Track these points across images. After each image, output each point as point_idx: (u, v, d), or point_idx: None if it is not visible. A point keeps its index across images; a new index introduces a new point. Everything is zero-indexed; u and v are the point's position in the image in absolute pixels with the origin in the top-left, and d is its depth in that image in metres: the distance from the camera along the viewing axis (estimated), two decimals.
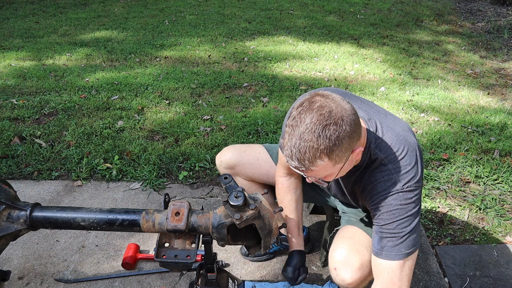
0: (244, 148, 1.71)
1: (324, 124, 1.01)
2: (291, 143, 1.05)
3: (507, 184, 2.49)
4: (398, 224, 1.19)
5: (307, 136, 1.02)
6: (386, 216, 1.21)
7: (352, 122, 1.05)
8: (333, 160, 1.05)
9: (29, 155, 2.68)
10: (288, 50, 4.77)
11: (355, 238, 1.38)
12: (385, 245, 1.22)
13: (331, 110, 1.03)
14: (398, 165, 1.20)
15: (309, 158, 1.03)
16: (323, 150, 1.02)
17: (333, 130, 1.01)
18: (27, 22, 5.79)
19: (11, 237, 1.33)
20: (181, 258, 1.28)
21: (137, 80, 3.84)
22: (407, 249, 1.20)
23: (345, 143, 1.04)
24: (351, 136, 1.05)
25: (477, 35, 5.76)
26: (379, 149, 1.21)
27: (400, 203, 1.19)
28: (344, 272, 1.30)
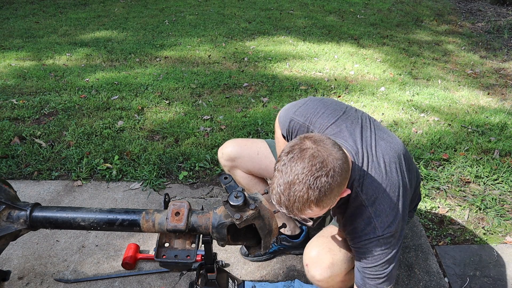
0: (245, 142, 1.73)
1: (316, 176, 1.01)
2: (279, 189, 1.04)
3: (507, 184, 2.49)
4: (380, 267, 1.23)
5: (297, 186, 1.01)
6: (368, 260, 1.23)
7: (343, 171, 1.06)
8: (321, 207, 1.06)
9: (29, 155, 2.68)
10: (288, 50, 4.77)
11: (329, 237, 1.41)
12: (367, 283, 1.26)
13: (323, 160, 1.02)
14: (380, 209, 1.21)
15: (298, 207, 1.04)
16: (312, 200, 1.02)
17: (324, 182, 1.01)
18: (27, 22, 5.79)
19: (11, 237, 1.33)
20: (181, 258, 1.28)
21: (137, 80, 3.84)
22: (387, 285, 1.26)
23: (335, 192, 1.05)
24: (341, 184, 1.06)
25: (477, 35, 5.76)
26: (361, 188, 1.22)
27: (381, 249, 1.21)
28: (314, 269, 1.34)
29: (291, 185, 1.02)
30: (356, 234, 1.24)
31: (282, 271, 1.88)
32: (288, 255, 1.96)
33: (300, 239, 1.92)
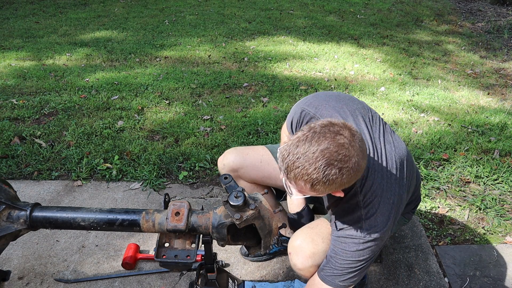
0: (247, 151, 1.69)
1: (330, 164, 1.00)
2: (293, 148, 1.03)
3: (507, 184, 2.49)
4: (347, 263, 1.25)
5: (309, 159, 1.00)
6: (340, 252, 1.25)
7: (354, 177, 1.05)
8: (312, 190, 1.06)
9: (29, 155, 2.68)
10: (288, 50, 4.77)
11: (315, 228, 1.42)
12: (326, 269, 1.29)
13: (347, 156, 1.00)
14: (371, 212, 1.22)
15: (295, 174, 1.03)
16: (312, 179, 1.02)
17: (334, 174, 1.01)
18: (27, 22, 5.79)
19: (11, 237, 1.33)
20: (181, 258, 1.28)
21: (137, 80, 3.84)
22: (342, 282, 1.28)
23: (333, 187, 1.06)
24: (342, 185, 1.06)
25: (477, 35, 5.76)
26: (361, 189, 1.23)
27: (357, 249, 1.23)
28: (296, 257, 1.37)
29: (305, 154, 1.01)
30: (340, 227, 1.26)
31: (282, 271, 1.88)
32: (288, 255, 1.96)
33: None
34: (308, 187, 1.05)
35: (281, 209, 1.73)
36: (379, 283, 1.82)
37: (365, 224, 1.22)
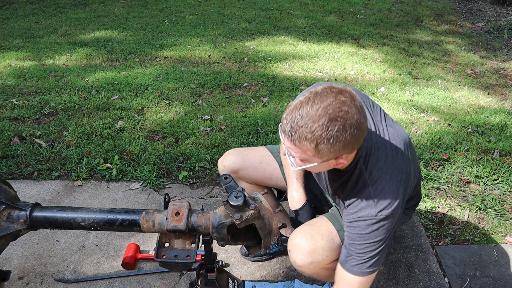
0: (246, 152, 1.69)
1: (334, 119, 1.00)
2: (296, 110, 1.04)
3: (507, 184, 2.49)
4: (366, 247, 1.23)
5: (313, 117, 1.01)
6: (356, 237, 1.24)
7: (356, 137, 1.05)
8: (316, 151, 1.05)
9: (29, 155, 2.68)
10: (288, 50, 4.77)
11: (314, 226, 1.42)
12: (350, 260, 1.27)
13: (349, 112, 1.01)
14: (380, 189, 1.21)
15: (300, 134, 1.03)
16: (315, 137, 1.02)
17: (336, 129, 1.01)
18: (27, 22, 5.79)
19: (11, 237, 1.33)
20: (181, 258, 1.29)
21: (137, 80, 3.84)
22: (369, 269, 1.26)
23: (336, 146, 1.04)
24: (346, 146, 1.05)
25: (477, 35, 5.76)
26: (366, 166, 1.22)
27: (372, 229, 1.21)
28: (295, 254, 1.37)
29: (308, 113, 1.02)
30: (352, 210, 1.25)
31: (282, 271, 1.88)
32: (288, 255, 1.96)
33: None
34: (312, 149, 1.04)
35: (281, 209, 1.73)
36: (379, 283, 1.82)
37: (375, 203, 1.20)
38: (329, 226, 1.41)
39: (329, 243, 1.37)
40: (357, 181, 1.24)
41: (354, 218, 1.23)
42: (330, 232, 1.39)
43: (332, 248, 1.38)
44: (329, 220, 1.44)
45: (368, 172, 1.22)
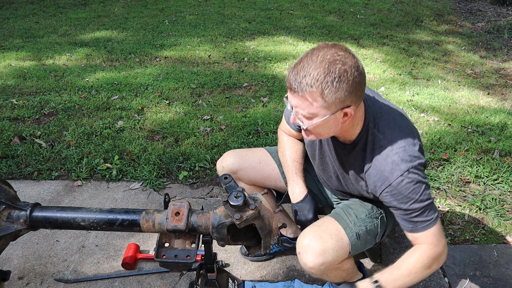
0: (245, 153, 1.70)
1: (334, 61, 1.06)
2: (297, 64, 1.10)
3: (507, 184, 2.49)
4: (419, 202, 1.23)
5: (314, 63, 1.07)
6: (405, 200, 1.23)
7: (357, 80, 1.09)
8: (322, 99, 1.08)
9: (29, 155, 2.68)
10: (288, 50, 4.77)
11: (322, 226, 1.41)
12: (417, 222, 1.26)
13: (347, 56, 1.08)
14: (398, 145, 1.23)
15: (306, 83, 1.07)
16: (321, 81, 1.06)
17: (338, 69, 1.06)
18: (27, 22, 5.79)
19: (11, 237, 1.33)
20: (181, 258, 1.28)
21: (137, 80, 3.84)
22: (433, 214, 1.26)
23: (341, 90, 1.08)
24: (350, 90, 1.09)
25: (477, 35, 5.76)
26: (378, 129, 1.25)
27: (414, 183, 1.21)
28: (305, 256, 1.34)
29: (309, 63, 1.08)
30: (384, 178, 1.24)
31: (282, 271, 1.88)
32: (288, 255, 1.96)
33: None
34: (318, 96, 1.08)
35: (281, 209, 1.73)
36: None
37: (399, 159, 1.21)
38: (336, 226, 1.40)
39: (338, 243, 1.36)
40: (373, 146, 1.25)
41: (392, 183, 1.23)
42: (338, 231, 1.39)
43: (342, 247, 1.37)
44: (335, 220, 1.43)
45: (381, 133, 1.25)
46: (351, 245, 1.39)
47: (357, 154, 1.31)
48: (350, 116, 1.16)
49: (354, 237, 1.40)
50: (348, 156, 1.35)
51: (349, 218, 1.44)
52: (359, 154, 1.30)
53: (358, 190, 1.43)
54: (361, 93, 1.14)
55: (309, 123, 1.16)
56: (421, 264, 1.27)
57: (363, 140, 1.27)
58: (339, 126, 1.19)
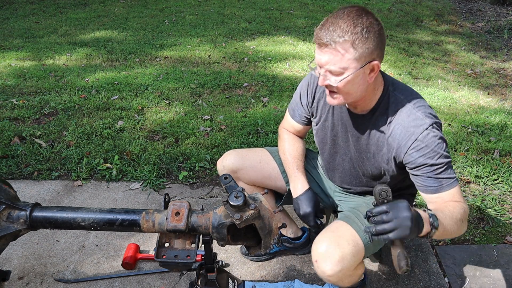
0: (246, 152, 1.70)
1: (359, 14, 1.15)
2: (325, 21, 1.18)
3: (507, 184, 2.49)
4: (444, 157, 1.26)
5: (342, 18, 1.15)
6: (432, 154, 1.26)
7: (381, 33, 1.18)
8: (353, 50, 1.14)
9: (29, 155, 2.68)
10: (288, 50, 4.77)
11: (337, 232, 1.39)
12: (443, 179, 1.28)
13: (368, 12, 1.17)
14: (418, 103, 1.29)
15: (337, 35, 1.14)
16: (351, 33, 1.13)
17: (365, 20, 1.14)
18: (27, 22, 5.79)
19: (11, 237, 1.33)
20: (181, 258, 1.28)
21: (137, 80, 3.84)
22: (454, 174, 1.30)
23: (369, 41, 1.15)
24: (376, 41, 1.16)
25: (477, 35, 5.76)
26: (398, 91, 1.32)
27: (438, 138, 1.25)
28: (324, 264, 1.32)
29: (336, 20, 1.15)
30: (410, 133, 1.27)
31: (282, 271, 1.88)
32: (288, 255, 1.96)
33: (302, 240, 1.92)
34: (349, 47, 1.14)
35: (281, 209, 1.73)
36: (379, 283, 1.82)
37: (422, 113, 1.27)
38: (351, 230, 1.39)
39: (355, 248, 1.35)
40: (395, 105, 1.31)
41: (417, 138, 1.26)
42: (353, 236, 1.37)
43: (358, 252, 1.36)
44: (347, 223, 1.42)
45: (401, 93, 1.32)
46: (365, 248, 1.38)
47: (378, 120, 1.34)
48: (376, 71, 1.21)
49: (367, 239, 1.39)
50: (367, 126, 1.37)
51: (361, 220, 1.43)
52: (380, 119, 1.34)
53: (375, 166, 1.43)
54: (383, 48, 1.21)
55: (340, 79, 1.20)
56: (457, 215, 1.23)
57: (384, 102, 1.32)
58: (366, 85, 1.24)
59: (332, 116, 1.47)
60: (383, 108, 1.32)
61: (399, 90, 1.32)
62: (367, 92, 1.28)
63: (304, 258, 1.95)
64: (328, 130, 1.50)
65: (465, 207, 1.28)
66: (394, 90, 1.32)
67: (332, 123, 1.48)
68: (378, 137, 1.36)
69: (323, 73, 1.23)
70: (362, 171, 1.49)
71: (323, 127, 1.51)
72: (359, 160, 1.46)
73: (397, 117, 1.30)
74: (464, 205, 1.28)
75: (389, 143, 1.33)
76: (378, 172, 1.44)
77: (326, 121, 1.49)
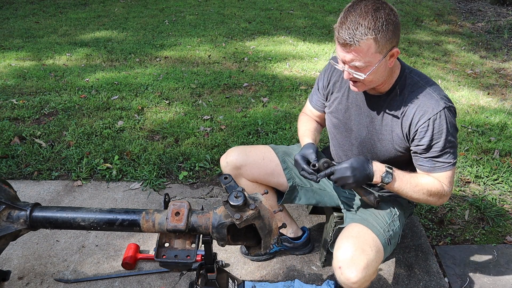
0: (249, 149, 1.71)
1: (376, 8, 1.18)
2: (344, 19, 1.20)
3: (507, 184, 2.49)
4: (449, 141, 1.32)
5: (361, 15, 1.17)
6: (437, 137, 1.32)
7: (398, 21, 1.22)
8: (376, 44, 1.19)
9: (29, 155, 2.68)
10: (288, 50, 4.77)
11: (360, 237, 1.37)
12: (438, 163, 1.35)
13: (383, 3, 1.20)
14: (434, 87, 1.34)
15: (360, 34, 1.17)
16: (373, 28, 1.17)
17: (383, 14, 1.18)
18: (27, 22, 5.79)
19: (11, 237, 1.33)
20: (181, 258, 1.28)
21: (137, 80, 3.84)
22: (453, 159, 1.36)
23: (389, 31, 1.19)
24: (394, 30, 1.21)
25: (477, 35, 5.76)
26: (414, 73, 1.38)
27: (447, 122, 1.30)
28: (349, 271, 1.30)
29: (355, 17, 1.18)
30: (424, 111, 1.32)
31: (282, 271, 1.88)
32: (288, 255, 1.96)
33: (302, 240, 1.92)
34: (372, 43, 1.18)
35: (281, 209, 1.72)
36: (379, 283, 1.82)
37: (437, 95, 1.32)
38: (372, 235, 1.38)
39: (378, 254, 1.34)
40: (412, 86, 1.36)
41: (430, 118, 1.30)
42: (375, 241, 1.37)
43: (380, 257, 1.36)
44: (367, 227, 1.41)
45: (418, 77, 1.38)
46: (384, 252, 1.38)
47: (393, 100, 1.39)
48: (395, 56, 1.27)
49: (386, 243, 1.39)
50: (382, 106, 1.41)
51: (379, 224, 1.43)
52: (396, 99, 1.38)
53: (386, 149, 1.46)
54: (399, 33, 1.26)
55: (366, 73, 1.25)
56: (427, 188, 1.35)
57: (402, 83, 1.37)
58: (387, 70, 1.31)
59: (346, 99, 1.51)
60: (400, 88, 1.37)
61: (415, 73, 1.39)
62: (387, 75, 1.34)
63: (304, 258, 1.95)
64: (341, 113, 1.53)
65: (444, 190, 1.36)
66: (410, 72, 1.38)
67: (346, 105, 1.51)
68: (393, 116, 1.39)
69: (347, 69, 1.28)
70: (371, 155, 1.50)
71: (336, 110, 1.55)
72: (370, 143, 1.48)
73: (412, 97, 1.35)
74: (445, 187, 1.36)
75: (403, 121, 1.37)
76: (388, 155, 1.47)
77: (340, 104, 1.53)
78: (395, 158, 1.46)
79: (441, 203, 1.42)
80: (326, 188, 1.72)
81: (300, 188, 1.69)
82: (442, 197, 1.38)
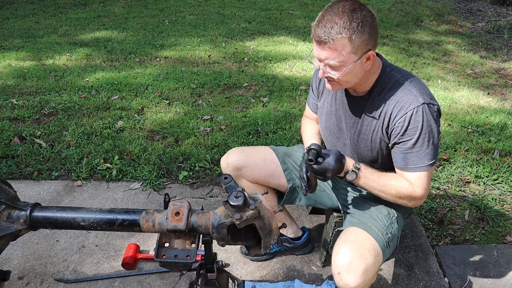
0: (250, 150, 1.70)
1: (353, 9, 1.18)
2: (321, 18, 1.21)
3: (507, 184, 2.49)
4: (423, 138, 1.29)
5: (338, 15, 1.18)
6: (411, 133, 1.29)
7: (375, 23, 1.22)
8: (351, 44, 1.19)
9: (29, 155, 2.68)
10: (288, 50, 4.77)
11: (358, 242, 1.37)
12: (410, 160, 1.33)
13: (360, 4, 1.20)
14: (415, 83, 1.32)
15: (335, 32, 1.18)
16: (347, 28, 1.17)
17: (359, 15, 1.18)
18: (27, 22, 5.79)
19: (11, 237, 1.33)
20: (181, 258, 1.28)
21: (137, 80, 3.84)
22: (429, 161, 1.32)
23: (365, 33, 1.19)
24: (370, 33, 1.21)
25: (477, 35, 5.76)
26: (395, 71, 1.36)
27: (425, 118, 1.27)
28: (348, 276, 1.29)
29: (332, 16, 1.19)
30: (400, 106, 1.30)
31: (282, 271, 1.88)
32: (288, 255, 1.96)
33: (302, 240, 1.92)
34: (347, 42, 1.19)
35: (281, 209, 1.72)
36: (379, 283, 1.82)
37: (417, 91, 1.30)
38: (371, 239, 1.38)
39: (376, 258, 1.34)
40: (391, 83, 1.34)
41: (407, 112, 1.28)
42: (373, 245, 1.36)
43: (379, 261, 1.35)
44: (365, 231, 1.41)
45: (398, 73, 1.36)
46: (382, 255, 1.37)
47: (374, 100, 1.37)
48: (372, 59, 1.26)
49: (385, 246, 1.39)
50: (364, 106, 1.39)
51: (377, 227, 1.43)
52: (377, 98, 1.37)
53: (369, 149, 1.45)
54: (377, 36, 1.25)
55: (340, 72, 1.25)
56: (396, 189, 1.35)
57: (382, 82, 1.35)
58: (363, 72, 1.29)
59: (335, 101, 1.51)
60: (380, 87, 1.36)
61: (396, 71, 1.36)
62: (365, 75, 1.33)
63: (304, 258, 1.95)
64: (332, 114, 1.53)
65: (416, 192, 1.34)
66: (391, 70, 1.36)
67: (335, 107, 1.51)
68: (373, 118, 1.39)
69: (322, 67, 1.28)
70: (357, 155, 1.50)
71: (328, 111, 1.55)
72: (355, 144, 1.48)
73: (391, 94, 1.34)
74: (416, 190, 1.33)
75: (384, 120, 1.36)
76: (372, 156, 1.47)
77: (330, 105, 1.53)
78: (381, 158, 1.45)
79: (414, 205, 1.40)
80: (325, 189, 1.72)
81: (300, 189, 1.69)
82: (413, 200, 1.35)
